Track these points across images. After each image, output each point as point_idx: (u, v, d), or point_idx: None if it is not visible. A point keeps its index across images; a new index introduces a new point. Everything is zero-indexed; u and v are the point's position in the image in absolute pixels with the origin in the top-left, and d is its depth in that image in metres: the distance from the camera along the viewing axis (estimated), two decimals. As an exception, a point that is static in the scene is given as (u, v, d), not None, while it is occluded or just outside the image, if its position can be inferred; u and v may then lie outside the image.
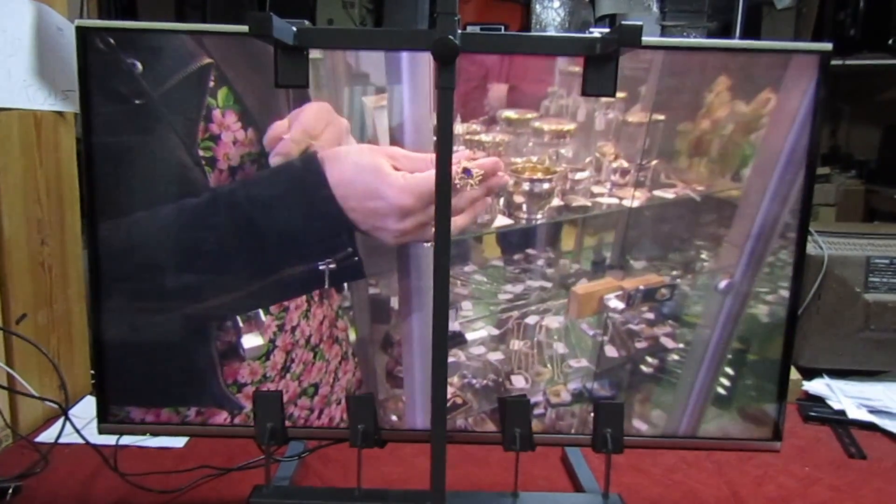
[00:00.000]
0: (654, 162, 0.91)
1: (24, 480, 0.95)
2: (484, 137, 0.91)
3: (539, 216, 0.94)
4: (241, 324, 0.89)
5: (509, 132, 0.92)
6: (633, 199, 0.92)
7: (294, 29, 0.71)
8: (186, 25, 0.80)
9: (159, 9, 2.25)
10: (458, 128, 0.90)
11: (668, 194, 0.93)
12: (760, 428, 0.91)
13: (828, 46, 0.80)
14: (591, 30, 0.74)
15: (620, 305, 0.95)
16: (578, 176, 0.94)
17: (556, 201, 0.93)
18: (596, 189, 0.93)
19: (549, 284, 0.96)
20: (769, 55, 0.83)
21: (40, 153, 1.12)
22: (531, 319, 0.96)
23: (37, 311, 1.12)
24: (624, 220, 0.94)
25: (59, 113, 1.16)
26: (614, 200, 0.93)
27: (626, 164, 0.93)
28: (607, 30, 0.72)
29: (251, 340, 0.89)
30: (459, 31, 0.73)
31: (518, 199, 0.94)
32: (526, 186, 0.92)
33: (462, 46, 0.72)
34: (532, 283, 0.96)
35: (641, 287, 0.94)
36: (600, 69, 0.76)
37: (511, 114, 0.91)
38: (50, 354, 1.05)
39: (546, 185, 0.93)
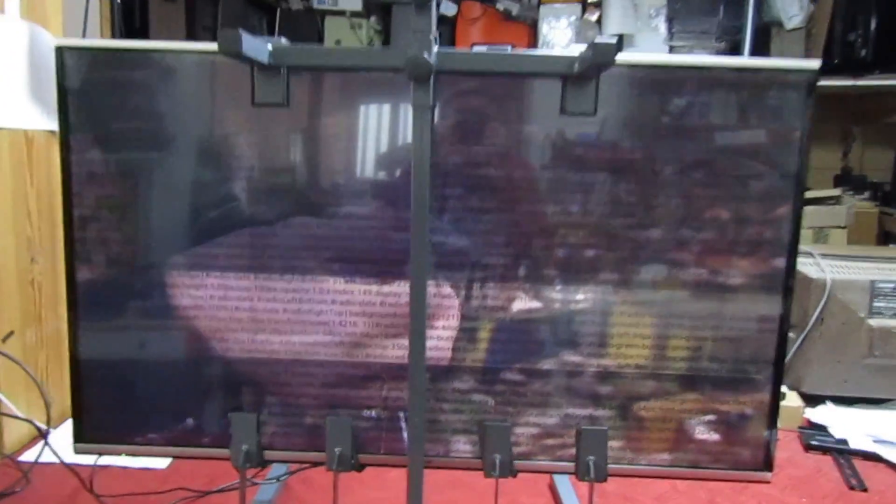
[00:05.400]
0: (780, 209, 0.60)
1: (4, 499, 0.94)
2: (493, 171, 0.64)
3: (581, 296, 0.62)
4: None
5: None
6: (734, 270, 0.62)
7: (270, 48, 0.71)
8: (162, 44, 0.80)
9: (170, 30, 2.28)
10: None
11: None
12: (751, 457, 0.88)
13: (815, 65, 0.78)
14: None
15: (712, 437, 0.66)
16: (650, 232, 0.62)
17: (609, 273, 0.62)
18: (677, 254, 0.62)
19: (603, 412, 0.64)
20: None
21: (31, 171, 1.13)
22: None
23: (25, 329, 1.12)
24: (722, 302, 0.64)
25: (51, 131, 1.17)
26: (702, 272, 0.63)
27: (726, 214, 0.61)
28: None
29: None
30: (435, 50, 0.72)
31: (548, 269, 0.63)
32: (560, 252, 0.62)
33: (437, 65, 0.72)
34: (573, 408, 0.65)
35: (747, 410, 0.60)
36: (580, 88, 0.75)
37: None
38: (35, 374, 1.05)
39: (592, 251, 0.62)
